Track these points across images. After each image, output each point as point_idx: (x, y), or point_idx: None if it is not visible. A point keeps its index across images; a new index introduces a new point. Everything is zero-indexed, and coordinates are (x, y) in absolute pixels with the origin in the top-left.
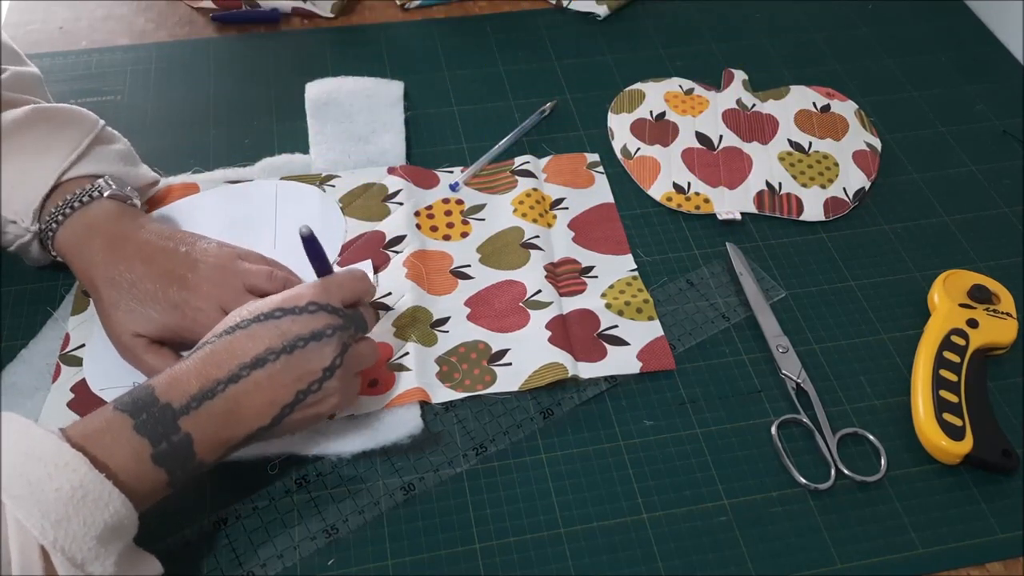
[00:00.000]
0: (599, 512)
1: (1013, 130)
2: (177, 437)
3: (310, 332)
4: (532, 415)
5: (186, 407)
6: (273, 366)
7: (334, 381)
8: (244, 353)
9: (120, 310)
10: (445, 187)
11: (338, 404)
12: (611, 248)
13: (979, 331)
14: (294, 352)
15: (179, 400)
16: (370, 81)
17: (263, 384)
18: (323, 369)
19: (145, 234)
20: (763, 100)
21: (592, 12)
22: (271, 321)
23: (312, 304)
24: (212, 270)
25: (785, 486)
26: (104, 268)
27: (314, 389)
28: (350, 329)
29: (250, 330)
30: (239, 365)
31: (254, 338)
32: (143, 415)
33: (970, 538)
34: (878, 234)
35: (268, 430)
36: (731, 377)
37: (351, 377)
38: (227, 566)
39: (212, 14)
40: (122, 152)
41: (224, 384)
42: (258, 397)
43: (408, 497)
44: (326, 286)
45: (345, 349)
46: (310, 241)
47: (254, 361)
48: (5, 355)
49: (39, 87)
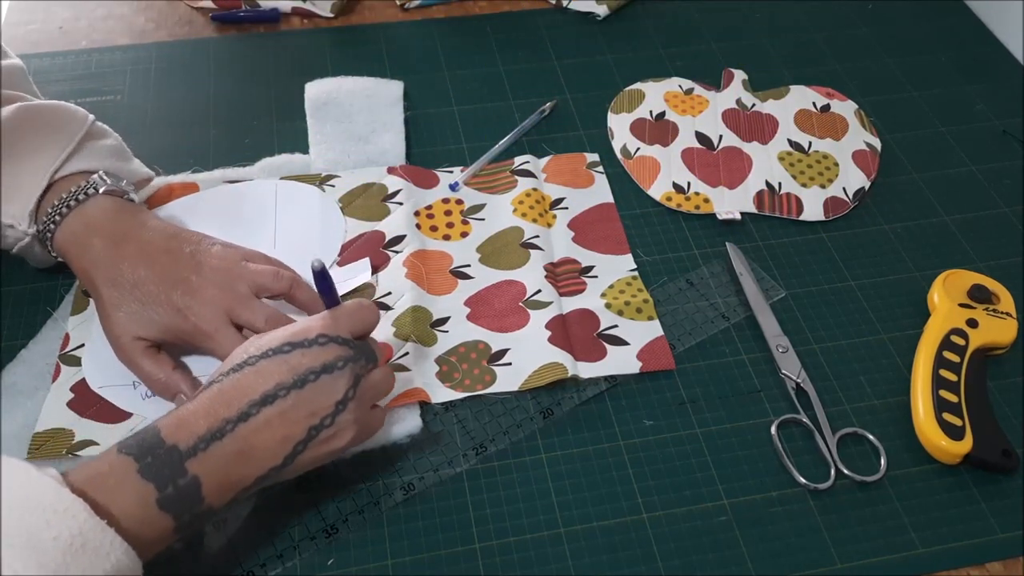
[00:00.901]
0: (599, 512)
1: (1013, 130)
2: (184, 480)
3: (321, 365)
4: (532, 415)
5: (194, 449)
6: (284, 402)
7: (347, 414)
8: (253, 390)
9: (121, 312)
10: (445, 187)
11: (354, 439)
12: (611, 248)
13: (979, 331)
14: (305, 386)
15: (186, 441)
16: (370, 81)
17: (274, 421)
18: (336, 403)
19: (147, 233)
20: (763, 100)
21: (592, 12)
22: (280, 356)
23: (322, 336)
24: (216, 273)
25: (785, 486)
26: (105, 268)
27: (327, 424)
28: (361, 360)
29: (259, 366)
30: (248, 403)
31: (263, 374)
32: (148, 458)
33: (970, 538)
34: (878, 234)
35: (280, 470)
36: (731, 377)
37: (366, 410)
38: (227, 566)
39: (212, 14)
40: (114, 147)
41: (233, 423)
42: (269, 435)
43: (408, 497)
44: (335, 317)
45: (358, 381)
46: (320, 275)
47: (264, 398)
48: (5, 355)
49: (23, 80)
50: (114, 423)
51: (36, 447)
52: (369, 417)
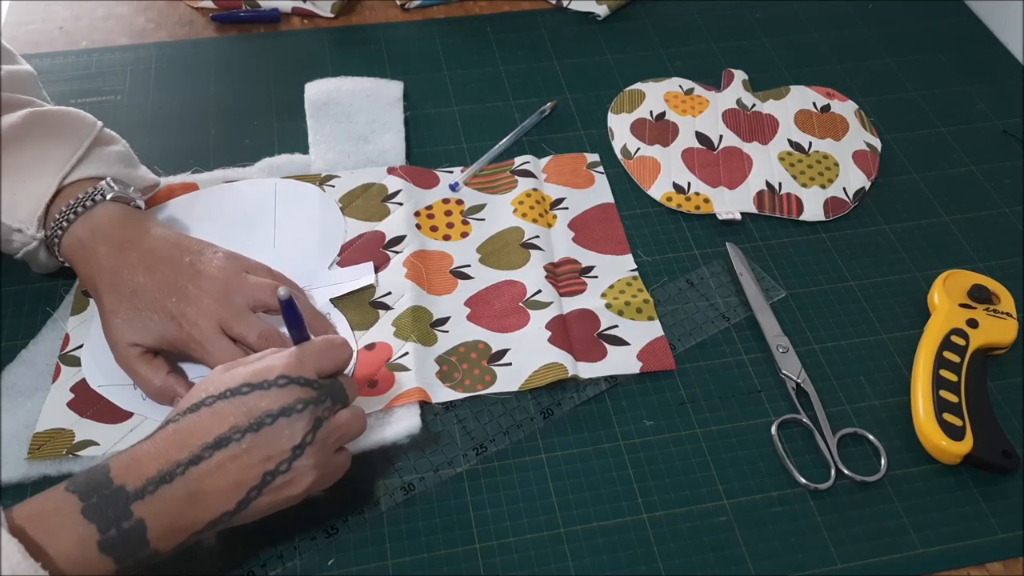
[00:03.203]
0: (599, 512)
1: (1013, 130)
2: (129, 523)
3: (279, 408)
4: (532, 415)
5: (141, 491)
6: (238, 446)
7: (305, 459)
8: (207, 432)
9: (118, 317)
10: (445, 187)
11: (313, 484)
12: (611, 248)
13: (979, 331)
14: (261, 430)
15: (135, 483)
16: (370, 81)
17: (227, 465)
18: (292, 447)
19: (151, 240)
20: (763, 100)
21: (592, 12)
22: (237, 397)
23: (282, 377)
24: (214, 283)
25: (785, 486)
26: (108, 274)
27: (283, 470)
28: (325, 402)
29: (215, 408)
30: (201, 445)
31: (219, 416)
32: (94, 497)
33: (970, 538)
34: (878, 234)
35: (234, 515)
36: (731, 377)
37: (328, 454)
38: (227, 566)
39: (212, 14)
40: (122, 154)
41: (184, 466)
42: (222, 479)
43: (408, 497)
44: (300, 356)
45: (319, 424)
46: (288, 306)
47: (217, 441)
48: (5, 355)
49: (34, 85)
50: (114, 423)
51: (36, 447)
52: (331, 461)
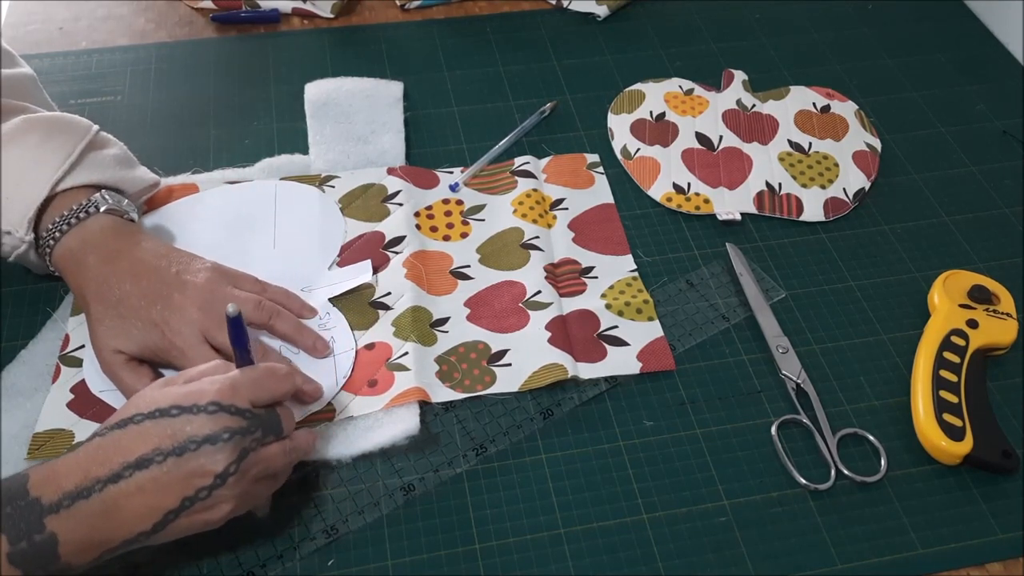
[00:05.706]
0: (599, 512)
1: (1013, 130)
2: (40, 537)
3: (204, 435)
4: (532, 415)
5: (56, 505)
6: (159, 468)
7: (226, 490)
8: (130, 451)
9: (103, 325)
10: (445, 187)
11: (232, 512)
12: (611, 248)
13: (979, 331)
14: (184, 455)
15: (50, 496)
16: (369, 81)
17: (146, 487)
18: (215, 475)
19: (140, 251)
20: (763, 100)
21: (592, 12)
22: (165, 419)
23: (212, 404)
24: (199, 292)
25: (785, 486)
26: (95, 283)
27: (202, 497)
28: (255, 433)
29: (142, 426)
30: (122, 464)
31: (144, 436)
32: (8, 508)
33: (970, 538)
34: (878, 234)
35: (150, 535)
36: (731, 377)
37: (250, 484)
38: (227, 566)
39: (212, 14)
40: (118, 156)
41: (103, 483)
42: (139, 500)
43: (408, 498)
44: (234, 384)
45: (244, 455)
46: (235, 323)
47: (139, 461)
48: (5, 355)
49: (34, 88)
50: None
51: (36, 447)
52: (252, 491)
